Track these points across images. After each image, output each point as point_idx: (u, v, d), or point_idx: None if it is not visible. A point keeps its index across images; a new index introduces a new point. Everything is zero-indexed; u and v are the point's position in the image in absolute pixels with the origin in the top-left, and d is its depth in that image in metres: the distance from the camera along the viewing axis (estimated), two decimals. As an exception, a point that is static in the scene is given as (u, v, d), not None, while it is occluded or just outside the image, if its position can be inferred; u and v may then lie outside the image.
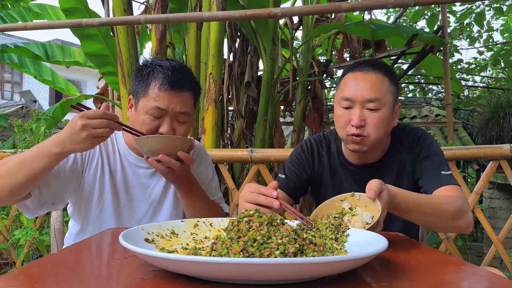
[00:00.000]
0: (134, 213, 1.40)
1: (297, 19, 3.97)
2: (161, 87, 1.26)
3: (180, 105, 1.28)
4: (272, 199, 1.04)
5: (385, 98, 1.29)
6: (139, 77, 1.31)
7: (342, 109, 1.32)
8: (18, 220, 2.56)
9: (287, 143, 4.91)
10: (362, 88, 1.29)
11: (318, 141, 1.51)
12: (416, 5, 2.34)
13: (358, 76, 1.32)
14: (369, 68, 1.32)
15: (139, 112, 1.29)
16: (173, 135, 1.27)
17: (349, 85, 1.32)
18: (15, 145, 3.79)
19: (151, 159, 1.22)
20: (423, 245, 1.07)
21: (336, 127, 1.38)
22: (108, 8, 3.75)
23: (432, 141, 1.40)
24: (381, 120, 1.29)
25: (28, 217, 1.39)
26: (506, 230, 1.99)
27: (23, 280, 0.65)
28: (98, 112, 1.11)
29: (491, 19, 7.00)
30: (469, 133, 5.81)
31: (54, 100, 17.86)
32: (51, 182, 1.26)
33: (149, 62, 1.33)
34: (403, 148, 1.41)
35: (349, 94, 1.30)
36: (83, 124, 1.09)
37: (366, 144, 1.30)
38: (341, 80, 1.38)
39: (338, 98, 1.34)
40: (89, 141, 1.10)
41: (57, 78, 5.89)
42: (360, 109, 1.29)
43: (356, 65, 1.36)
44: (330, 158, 1.48)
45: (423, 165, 1.35)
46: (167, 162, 1.20)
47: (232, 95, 3.60)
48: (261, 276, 0.60)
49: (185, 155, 1.22)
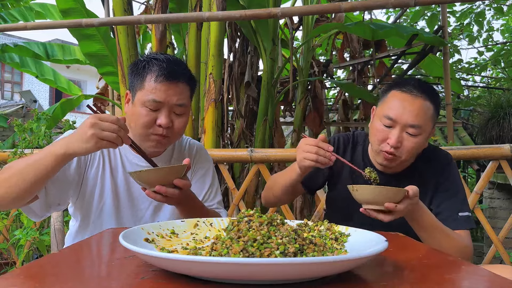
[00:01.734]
0: (135, 212, 1.40)
1: (297, 19, 3.97)
2: (157, 79, 1.27)
3: (176, 96, 1.29)
4: (329, 153, 1.23)
5: (426, 126, 1.32)
6: (135, 71, 1.32)
7: (382, 125, 1.34)
8: (18, 220, 2.56)
9: (287, 143, 4.91)
10: (408, 112, 1.30)
11: (346, 139, 1.53)
12: (416, 5, 2.34)
13: (406, 98, 1.32)
14: (418, 92, 1.32)
15: (136, 105, 1.29)
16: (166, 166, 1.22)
17: (395, 105, 1.32)
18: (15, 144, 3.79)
19: (148, 191, 1.17)
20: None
21: (371, 136, 1.40)
22: (108, 8, 3.75)
23: (457, 174, 1.44)
24: (417, 145, 1.33)
25: (35, 221, 1.39)
26: (506, 230, 1.99)
27: (23, 280, 0.65)
28: (111, 116, 1.12)
29: (491, 19, 7.00)
30: (469, 133, 5.81)
31: (54, 100, 17.86)
32: (57, 183, 1.26)
33: (145, 56, 1.34)
34: (428, 168, 1.43)
35: (393, 114, 1.31)
36: (93, 122, 1.09)
37: (396, 162, 1.35)
38: (386, 93, 1.39)
39: (381, 114, 1.35)
40: (93, 141, 1.09)
41: (59, 78, 5.88)
42: (400, 131, 1.31)
43: (405, 83, 1.35)
44: (353, 157, 1.50)
45: (443, 203, 1.38)
46: (164, 192, 1.16)
47: (232, 95, 3.60)
48: (261, 276, 0.60)
49: (181, 182, 1.17)
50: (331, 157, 1.25)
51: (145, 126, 1.28)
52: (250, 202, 2.96)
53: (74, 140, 1.11)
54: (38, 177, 1.12)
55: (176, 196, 1.17)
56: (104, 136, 1.10)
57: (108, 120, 1.11)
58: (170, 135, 1.32)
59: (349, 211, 1.47)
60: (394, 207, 1.14)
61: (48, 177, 1.15)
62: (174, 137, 1.35)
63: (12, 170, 1.14)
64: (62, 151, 1.11)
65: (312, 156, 1.24)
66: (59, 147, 1.12)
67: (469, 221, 1.37)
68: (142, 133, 1.30)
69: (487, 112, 4.56)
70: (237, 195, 2.20)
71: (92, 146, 1.10)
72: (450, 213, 1.36)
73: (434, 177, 1.42)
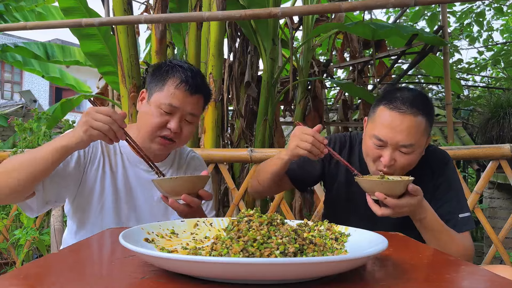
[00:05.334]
0: (134, 212, 1.40)
1: (297, 19, 3.97)
2: (178, 86, 1.30)
3: (191, 106, 1.33)
4: (323, 145, 1.24)
5: (419, 141, 1.27)
6: (157, 72, 1.36)
7: (373, 144, 1.30)
8: (18, 220, 2.56)
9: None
10: (398, 132, 1.24)
11: (343, 141, 1.51)
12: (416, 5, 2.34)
13: (395, 117, 1.25)
14: (407, 108, 1.24)
15: (151, 105, 1.32)
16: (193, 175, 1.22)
17: (384, 124, 1.26)
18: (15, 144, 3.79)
19: (172, 200, 1.18)
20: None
21: (364, 154, 1.37)
22: (108, 8, 3.75)
23: (456, 173, 1.42)
24: (412, 161, 1.29)
25: (30, 216, 1.39)
26: (506, 230, 1.99)
27: (23, 280, 0.65)
28: (107, 109, 1.13)
29: (491, 19, 7.00)
30: (469, 133, 5.81)
31: (54, 100, 17.85)
32: (56, 179, 1.27)
33: (169, 61, 1.38)
34: (426, 169, 1.41)
35: (383, 135, 1.26)
36: (88, 112, 1.12)
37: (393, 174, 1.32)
38: (375, 108, 1.33)
39: (370, 133, 1.31)
40: (84, 128, 1.11)
41: (66, 76, 5.88)
42: (392, 150, 1.27)
43: (394, 98, 1.27)
44: (350, 159, 1.48)
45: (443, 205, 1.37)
46: (190, 202, 1.17)
47: (232, 95, 3.60)
48: (261, 276, 0.60)
49: (206, 193, 1.21)
50: (324, 149, 1.25)
51: (155, 127, 1.30)
52: (250, 202, 2.96)
53: (71, 132, 1.15)
54: (37, 171, 1.14)
55: (198, 205, 1.19)
56: (95, 126, 1.11)
57: (102, 112, 1.12)
58: (176, 140, 1.34)
59: (347, 213, 1.48)
60: (383, 198, 1.13)
61: (47, 171, 1.16)
62: (180, 142, 1.37)
63: (11, 164, 1.16)
64: (60, 144, 1.13)
65: (306, 145, 1.24)
66: (58, 141, 1.14)
67: (469, 222, 1.36)
68: (151, 133, 1.31)
69: (487, 112, 4.56)
70: (237, 195, 2.20)
71: (83, 133, 1.11)
72: (450, 215, 1.35)
73: (432, 178, 1.40)
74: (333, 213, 1.55)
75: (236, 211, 2.25)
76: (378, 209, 1.16)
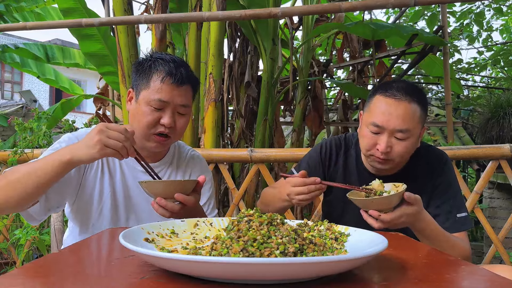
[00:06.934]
0: (133, 214, 1.40)
1: (297, 19, 3.97)
2: (164, 79, 1.28)
3: (181, 97, 1.31)
4: (319, 185, 1.25)
5: (414, 128, 1.30)
6: (140, 70, 1.33)
7: (370, 131, 1.32)
8: (18, 220, 2.56)
9: (287, 143, 4.91)
10: (394, 117, 1.28)
11: (338, 144, 1.53)
12: (416, 5, 2.34)
13: (391, 103, 1.29)
14: (402, 94, 1.29)
15: (140, 103, 1.30)
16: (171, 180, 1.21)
17: (380, 110, 1.30)
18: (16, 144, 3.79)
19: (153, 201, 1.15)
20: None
21: (360, 143, 1.40)
22: (108, 8, 3.75)
23: (453, 173, 1.43)
24: (407, 148, 1.31)
25: (33, 225, 1.38)
26: (506, 230, 1.99)
27: (23, 280, 0.65)
28: (119, 126, 1.12)
29: (491, 19, 7.00)
30: (469, 133, 5.81)
31: (54, 100, 17.85)
32: (57, 185, 1.25)
33: (150, 56, 1.35)
34: (424, 169, 1.42)
35: (379, 121, 1.29)
36: (100, 129, 1.10)
37: (388, 165, 1.34)
38: (371, 98, 1.37)
39: (367, 120, 1.34)
40: (98, 147, 1.09)
41: (60, 77, 5.88)
42: (388, 137, 1.29)
43: (389, 86, 1.32)
44: (347, 161, 1.50)
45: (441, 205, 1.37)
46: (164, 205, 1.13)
47: (232, 95, 3.60)
48: (261, 276, 0.60)
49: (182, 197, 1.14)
50: (322, 186, 1.27)
51: (149, 125, 1.29)
52: (250, 202, 2.96)
53: (80, 147, 1.11)
54: (41, 183, 1.12)
55: (175, 211, 1.15)
56: (109, 144, 1.09)
57: (115, 129, 1.11)
58: (171, 135, 1.33)
59: (345, 215, 1.48)
60: (377, 216, 1.13)
61: (51, 183, 1.14)
62: (175, 136, 1.36)
63: (15, 176, 1.13)
64: (67, 158, 1.11)
65: (306, 197, 1.26)
66: (64, 154, 1.11)
67: (467, 221, 1.37)
68: (145, 132, 1.31)
69: (487, 112, 4.56)
70: (237, 195, 2.20)
71: (96, 152, 1.10)
72: (448, 215, 1.36)
73: (430, 179, 1.41)
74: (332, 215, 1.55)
75: (236, 211, 2.25)
76: (374, 223, 1.16)
